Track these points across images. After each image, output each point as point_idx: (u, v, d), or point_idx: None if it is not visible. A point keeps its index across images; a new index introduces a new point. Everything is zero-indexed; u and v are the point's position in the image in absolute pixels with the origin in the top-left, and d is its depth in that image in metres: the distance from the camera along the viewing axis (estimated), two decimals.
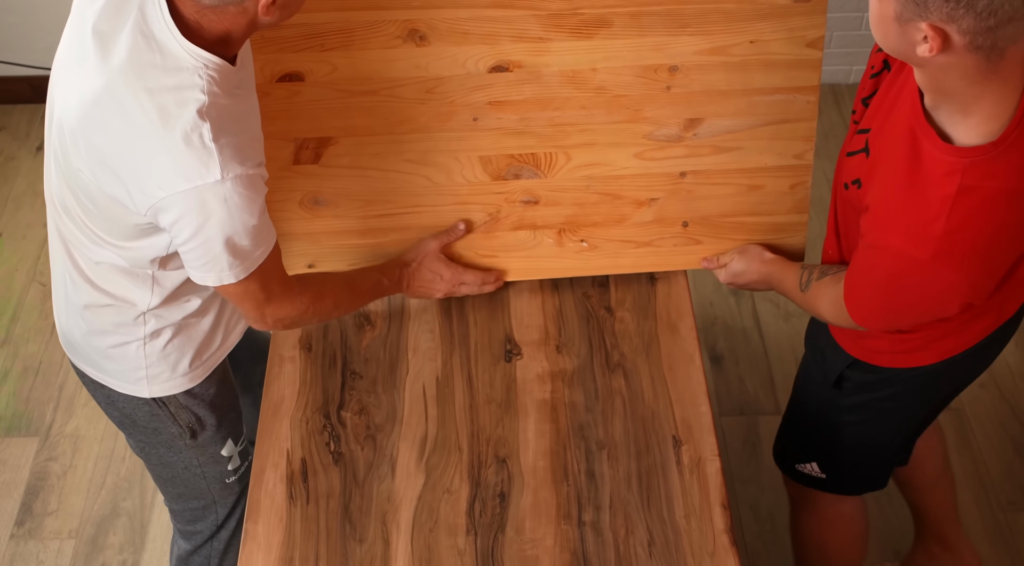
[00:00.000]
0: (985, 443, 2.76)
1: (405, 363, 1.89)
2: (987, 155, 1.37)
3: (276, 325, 1.65)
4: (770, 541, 2.56)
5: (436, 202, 1.84)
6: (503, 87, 1.76)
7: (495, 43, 1.72)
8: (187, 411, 1.78)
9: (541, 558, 1.66)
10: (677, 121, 1.82)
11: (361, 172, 1.80)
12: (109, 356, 1.71)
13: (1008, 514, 2.62)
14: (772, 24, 1.76)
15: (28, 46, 3.56)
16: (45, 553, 2.54)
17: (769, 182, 1.88)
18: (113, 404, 1.79)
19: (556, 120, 1.80)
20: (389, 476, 1.74)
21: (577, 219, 1.89)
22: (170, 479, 1.90)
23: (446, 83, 1.75)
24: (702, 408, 1.83)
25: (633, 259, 1.94)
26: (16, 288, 3.11)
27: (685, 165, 1.85)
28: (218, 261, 1.46)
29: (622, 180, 1.86)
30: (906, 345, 1.73)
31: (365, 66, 1.72)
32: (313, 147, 1.78)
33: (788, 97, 1.82)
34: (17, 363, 2.93)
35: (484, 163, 1.82)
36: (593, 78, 1.77)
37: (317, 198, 1.81)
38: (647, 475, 1.75)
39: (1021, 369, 2.93)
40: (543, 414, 1.82)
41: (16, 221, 3.30)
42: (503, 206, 1.85)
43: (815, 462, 1.99)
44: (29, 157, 3.49)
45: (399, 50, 1.71)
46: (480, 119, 1.78)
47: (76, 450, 2.73)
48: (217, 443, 1.85)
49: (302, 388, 1.85)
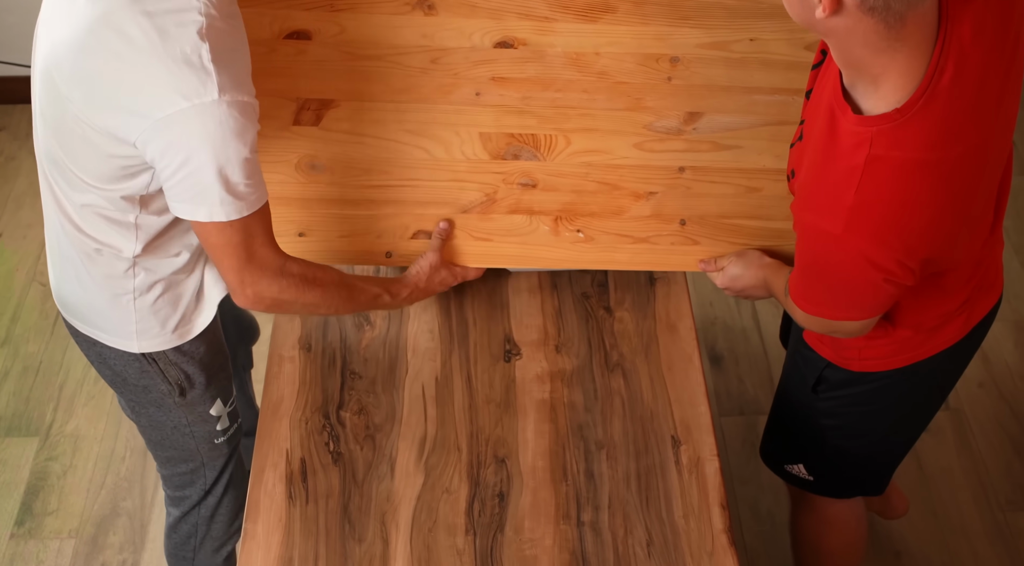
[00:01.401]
0: (984, 443, 2.76)
1: (404, 363, 1.89)
2: (893, 122, 1.35)
3: (256, 301, 1.60)
4: (769, 541, 2.56)
5: (433, 177, 1.83)
6: (507, 64, 1.78)
7: (501, 18, 1.74)
8: (176, 368, 1.78)
9: (540, 558, 1.66)
10: (677, 113, 1.82)
11: (360, 138, 1.81)
12: (100, 311, 1.72)
13: (1007, 514, 2.62)
14: (772, 23, 1.77)
15: (28, 46, 3.55)
16: (45, 553, 2.54)
17: (768, 185, 1.88)
18: (105, 362, 1.80)
19: (558, 102, 1.81)
20: (388, 476, 1.74)
21: (574, 207, 1.88)
22: (160, 441, 1.91)
23: (451, 54, 1.77)
24: (701, 408, 1.83)
25: (629, 255, 1.93)
26: (16, 288, 3.11)
27: (684, 160, 1.85)
28: (209, 193, 1.46)
29: (621, 170, 1.85)
30: (876, 351, 1.72)
31: (372, 30, 1.74)
32: (314, 108, 1.78)
33: (787, 98, 1.83)
34: (17, 363, 2.93)
35: (484, 140, 1.82)
36: (596, 62, 1.79)
37: (314, 162, 1.80)
38: (646, 475, 1.75)
39: (1020, 369, 2.93)
40: (542, 414, 1.82)
41: (16, 221, 3.30)
42: (500, 187, 1.85)
43: (801, 464, 1.98)
44: (30, 157, 3.49)
45: (407, 17, 1.73)
46: (482, 94, 1.79)
47: (76, 450, 2.74)
48: (206, 402, 1.85)
49: (301, 388, 1.85)
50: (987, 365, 2.93)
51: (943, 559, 2.54)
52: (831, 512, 2.08)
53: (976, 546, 2.56)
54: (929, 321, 1.68)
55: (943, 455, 2.75)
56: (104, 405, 2.84)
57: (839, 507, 2.06)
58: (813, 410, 1.87)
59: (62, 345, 2.97)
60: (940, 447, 2.76)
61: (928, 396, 1.87)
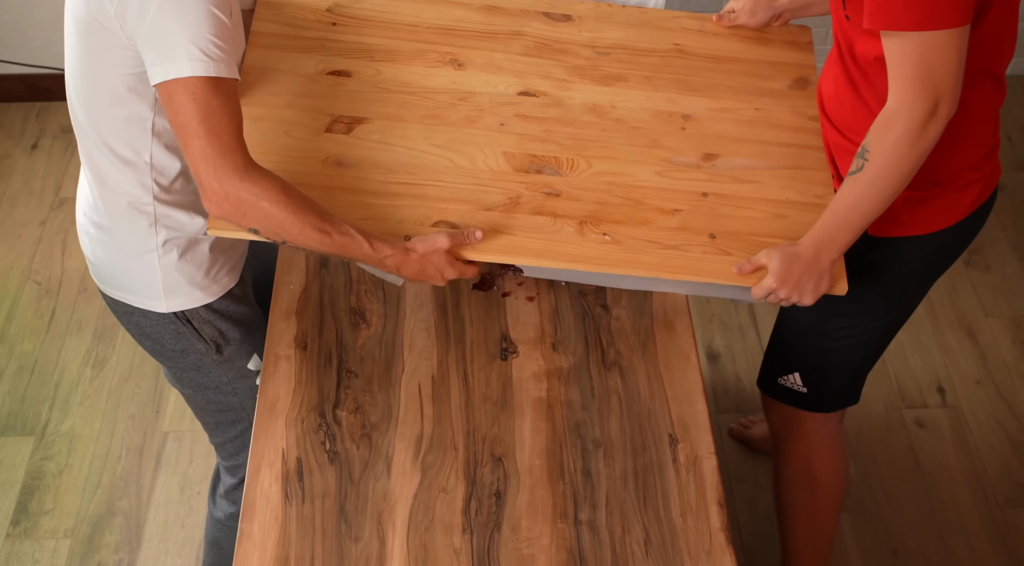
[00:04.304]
0: (982, 441, 2.76)
1: (401, 361, 1.88)
2: None
3: (222, 199, 1.57)
4: (767, 539, 2.56)
5: (457, 180, 1.86)
6: (529, 106, 1.95)
7: (524, 77, 1.98)
8: (210, 326, 1.87)
9: (537, 557, 1.65)
10: (694, 153, 1.90)
11: (388, 146, 1.87)
12: (127, 272, 1.81)
13: (1005, 511, 2.62)
14: (773, 101, 1.99)
15: (23, 44, 3.55)
16: (41, 552, 2.54)
17: (795, 213, 1.85)
18: (143, 332, 1.89)
19: (578, 136, 1.91)
20: (385, 475, 1.74)
21: (599, 214, 1.84)
22: (205, 406, 2.00)
23: (477, 97, 1.95)
24: (698, 406, 1.83)
25: (659, 259, 1.81)
26: (11, 287, 3.11)
27: (706, 188, 1.86)
28: (176, 48, 1.51)
29: (644, 189, 1.85)
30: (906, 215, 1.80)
31: (405, 75, 1.96)
32: (347, 122, 1.89)
33: (800, 151, 1.92)
34: (12, 362, 2.92)
35: (507, 157, 1.88)
36: (612, 112, 1.95)
37: (341, 160, 1.85)
38: (643, 473, 1.75)
39: (1018, 366, 2.93)
40: (539, 412, 1.82)
41: (11, 219, 3.29)
42: (524, 193, 1.85)
43: (797, 372, 2.07)
44: (24, 155, 3.49)
45: (438, 69, 1.98)
46: (506, 125, 1.92)
47: (72, 449, 2.73)
48: (243, 357, 1.94)
49: (297, 387, 1.85)
50: (985, 363, 2.93)
51: (941, 556, 2.54)
52: (821, 436, 2.17)
53: (974, 543, 2.56)
54: (959, 176, 1.76)
55: (940, 452, 2.75)
56: (100, 404, 2.83)
57: (828, 430, 2.16)
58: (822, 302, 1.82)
59: (57, 344, 2.96)
60: (938, 444, 2.76)
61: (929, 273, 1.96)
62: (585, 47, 2.04)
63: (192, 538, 2.57)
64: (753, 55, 2.06)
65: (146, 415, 2.81)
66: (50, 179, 3.42)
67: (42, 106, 3.66)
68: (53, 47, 3.50)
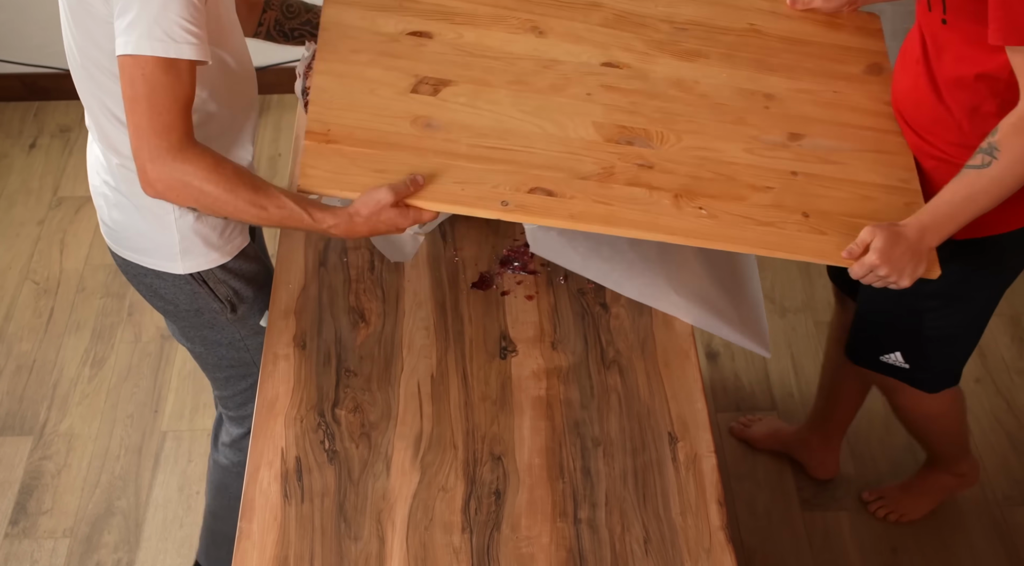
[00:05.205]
0: (981, 439, 2.76)
1: (400, 360, 1.88)
2: None
3: (155, 181, 1.58)
4: (766, 537, 2.56)
5: (549, 148, 1.84)
6: (614, 78, 1.94)
7: (606, 48, 1.98)
8: (225, 285, 1.90)
9: (537, 556, 1.65)
10: (780, 132, 1.91)
11: (476, 110, 1.87)
12: (145, 234, 1.83)
13: (1004, 509, 2.62)
14: (850, 85, 2.01)
15: (20, 43, 3.55)
16: (40, 552, 2.54)
17: (882, 196, 1.86)
18: (156, 294, 1.91)
19: (664, 109, 1.91)
20: (384, 474, 1.74)
21: (693, 188, 1.82)
22: (216, 363, 2.03)
23: (561, 65, 1.95)
24: (698, 404, 1.82)
25: (757, 235, 1.78)
26: (9, 286, 3.11)
27: (795, 167, 1.87)
28: (136, 25, 1.51)
29: (735, 166, 1.86)
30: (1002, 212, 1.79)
31: (487, 40, 1.96)
32: (432, 84, 1.89)
33: (880, 135, 1.93)
34: (11, 362, 2.92)
35: (597, 127, 1.88)
36: (696, 87, 1.96)
37: (430, 122, 1.84)
38: (643, 472, 1.74)
39: (1016, 364, 2.93)
40: (538, 411, 1.82)
41: (9, 219, 3.29)
42: (617, 163, 1.84)
43: (899, 352, 2.10)
44: (22, 155, 3.49)
45: (519, 35, 1.98)
46: (593, 95, 1.91)
47: (70, 449, 2.73)
48: (255, 314, 1.98)
49: (296, 386, 1.84)
50: (984, 360, 2.93)
51: (940, 555, 2.54)
52: (929, 405, 2.21)
53: (973, 542, 2.56)
54: None
55: None
56: (98, 404, 2.83)
57: (937, 399, 2.21)
58: (912, 294, 1.83)
59: (56, 344, 2.96)
60: None
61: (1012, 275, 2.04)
62: (663, 22, 2.05)
63: (191, 537, 2.56)
64: (826, 39, 2.08)
65: (145, 415, 2.81)
66: (48, 178, 3.42)
67: (40, 105, 3.66)
68: (51, 46, 3.49)
